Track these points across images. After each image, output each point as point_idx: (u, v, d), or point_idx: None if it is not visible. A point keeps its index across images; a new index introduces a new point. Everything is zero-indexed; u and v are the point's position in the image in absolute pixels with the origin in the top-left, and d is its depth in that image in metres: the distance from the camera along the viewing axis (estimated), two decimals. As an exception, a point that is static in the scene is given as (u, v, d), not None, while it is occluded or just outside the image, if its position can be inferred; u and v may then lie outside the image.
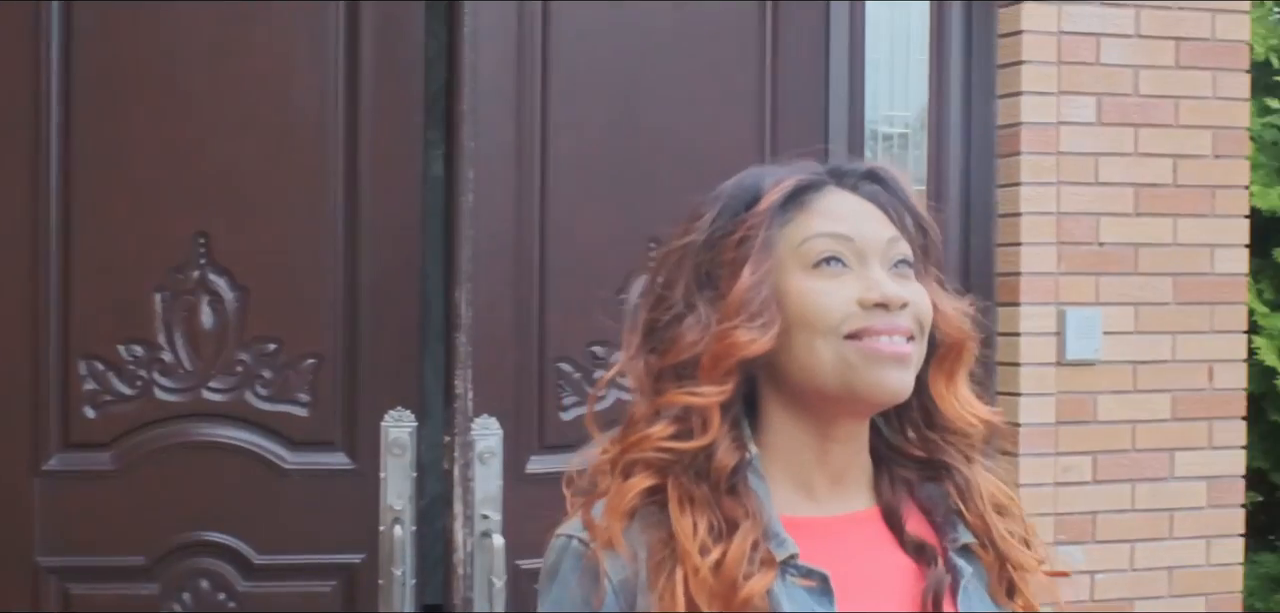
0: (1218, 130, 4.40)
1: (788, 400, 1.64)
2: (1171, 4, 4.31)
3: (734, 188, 1.69)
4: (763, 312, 1.59)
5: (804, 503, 1.64)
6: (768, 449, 1.64)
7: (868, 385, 1.59)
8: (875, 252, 1.63)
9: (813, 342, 1.60)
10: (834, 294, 1.61)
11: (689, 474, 1.58)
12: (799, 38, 4.11)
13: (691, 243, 1.66)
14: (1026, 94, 4.21)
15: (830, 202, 1.66)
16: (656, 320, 1.66)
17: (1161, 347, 4.36)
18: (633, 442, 1.61)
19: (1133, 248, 4.32)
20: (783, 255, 1.63)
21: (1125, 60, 4.28)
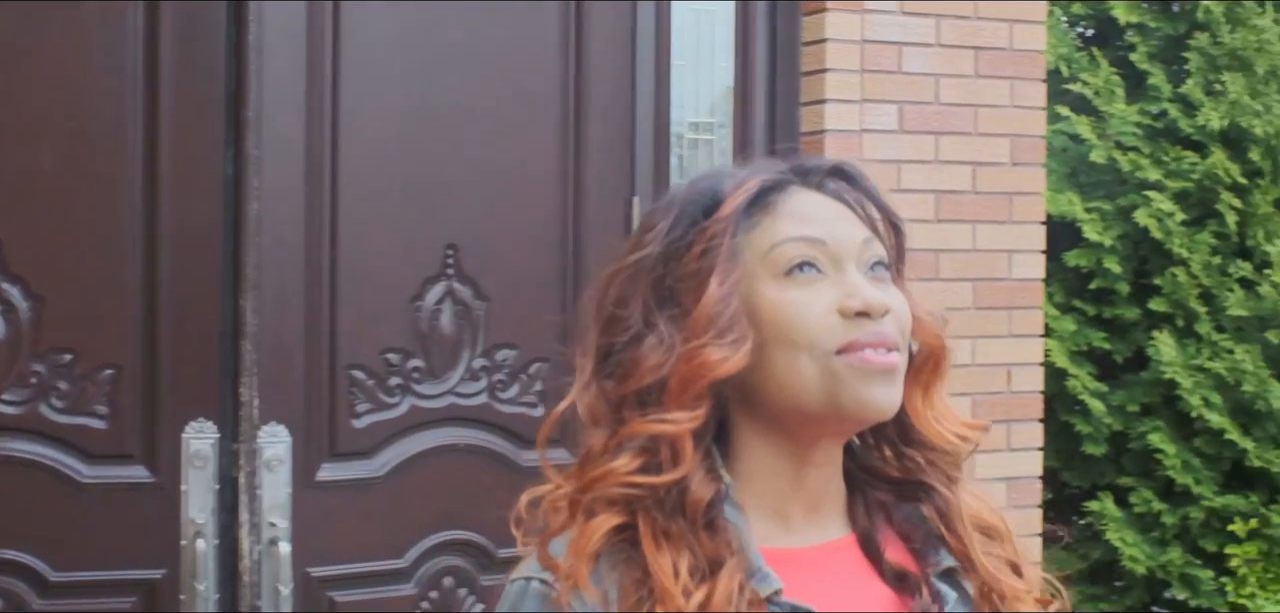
0: (1015, 138, 4.62)
1: (762, 423, 1.55)
2: (971, 15, 4.52)
3: (689, 194, 1.59)
4: (733, 327, 1.50)
5: (780, 534, 1.55)
6: (740, 477, 1.54)
7: (856, 403, 1.50)
8: (850, 255, 1.54)
9: (794, 358, 1.50)
10: (812, 305, 1.51)
11: (661, 509, 1.49)
12: (604, 40, 4.22)
13: (646, 257, 1.55)
14: (830, 101, 4.37)
15: (797, 202, 1.56)
16: (611, 344, 1.55)
17: (961, 351, 4.56)
18: (594, 478, 1.50)
19: (934, 254, 4.51)
20: (750, 264, 1.53)
21: (926, 69, 4.47)
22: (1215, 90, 6.23)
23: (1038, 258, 4.69)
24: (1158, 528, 6.15)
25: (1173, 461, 6.08)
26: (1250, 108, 6.16)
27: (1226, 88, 6.18)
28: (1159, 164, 6.27)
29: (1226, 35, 6.24)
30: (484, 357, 4.12)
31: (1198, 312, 6.17)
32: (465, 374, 4.10)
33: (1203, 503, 6.09)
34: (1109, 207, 6.32)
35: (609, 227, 4.24)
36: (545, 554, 1.52)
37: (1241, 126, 6.19)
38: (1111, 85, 6.32)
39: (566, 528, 1.53)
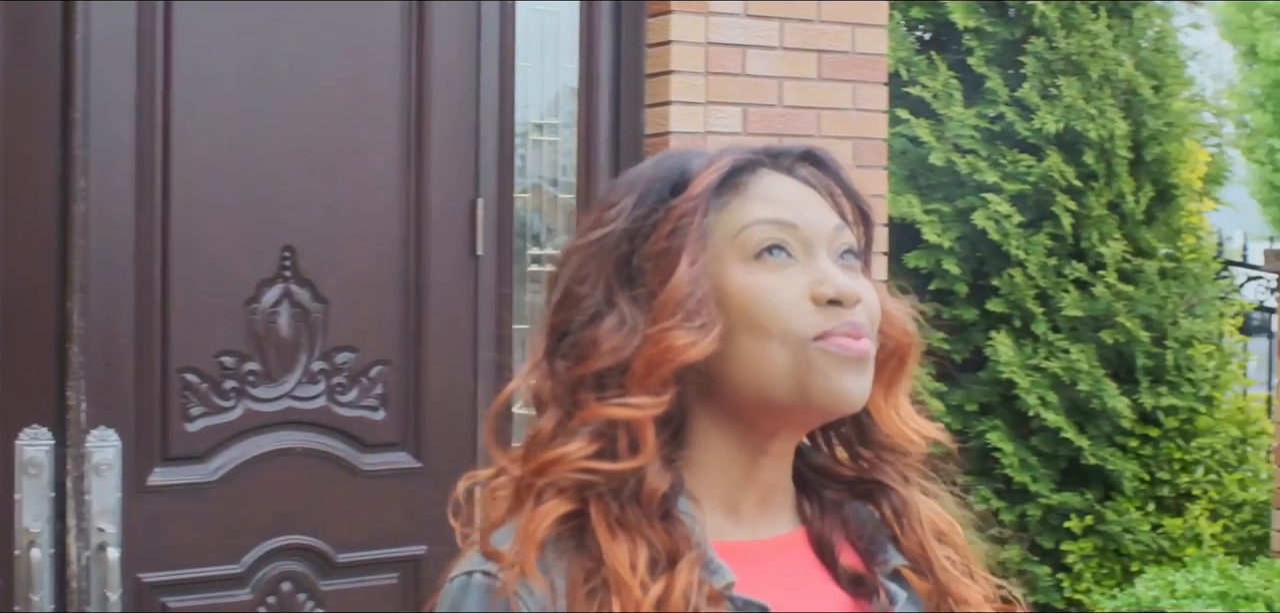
0: (858, 141, 4.68)
1: (720, 411, 1.50)
2: (814, 17, 4.58)
3: (654, 171, 1.53)
4: (701, 310, 1.45)
5: (730, 526, 1.51)
6: (691, 466, 1.49)
7: (827, 393, 1.46)
8: (821, 240, 1.50)
9: (764, 344, 1.46)
10: (783, 289, 1.47)
11: (615, 498, 1.43)
12: (448, 39, 4.20)
13: (609, 234, 1.50)
14: (675, 103, 4.40)
15: (768, 185, 1.52)
16: (567, 322, 1.49)
17: (805, 353, 4.60)
18: (545, 462, 1.45)
19: (778, 256, 4.55)
20: (718, 246, 1.48)
21: (770, 72, 4.51)
22: (1051, 94, 6.37)
23: (881, 260, 4.76)
24: (996, 526, 6.27)
25: (1010, 459, 6.21)
26: (1085, 112, 6.31)
27: (1062, 92, 6.32)
28: (996, 167, 6.39)
29: (1062, 40, 6.38)
30: (323, 359, 4.09)
31: (1034, 312, 6.30)
32: (303, 377, 4.06)
33: (1040, 501, 6.23)
34: (947, 209, 6.43)
35: (452, 228, 4.23)
36: (487, 545, 1.47)
37: (1076, 130, 6.33)
38: (950, 89, 6.43)
39: (510, 517, 1.47)
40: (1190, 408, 6.40)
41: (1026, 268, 6.30)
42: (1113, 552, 6.22)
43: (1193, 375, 6.44)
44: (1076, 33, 6.39)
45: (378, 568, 4.19)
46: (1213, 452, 6.40)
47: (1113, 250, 6.32)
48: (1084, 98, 6.34)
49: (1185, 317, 6.43)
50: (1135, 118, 6.50)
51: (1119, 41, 6.51)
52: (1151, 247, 6.49)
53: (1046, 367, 6.23)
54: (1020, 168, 6.34)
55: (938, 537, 1.58)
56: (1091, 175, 6.40)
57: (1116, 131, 6.34)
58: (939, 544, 1.58)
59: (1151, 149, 6.52)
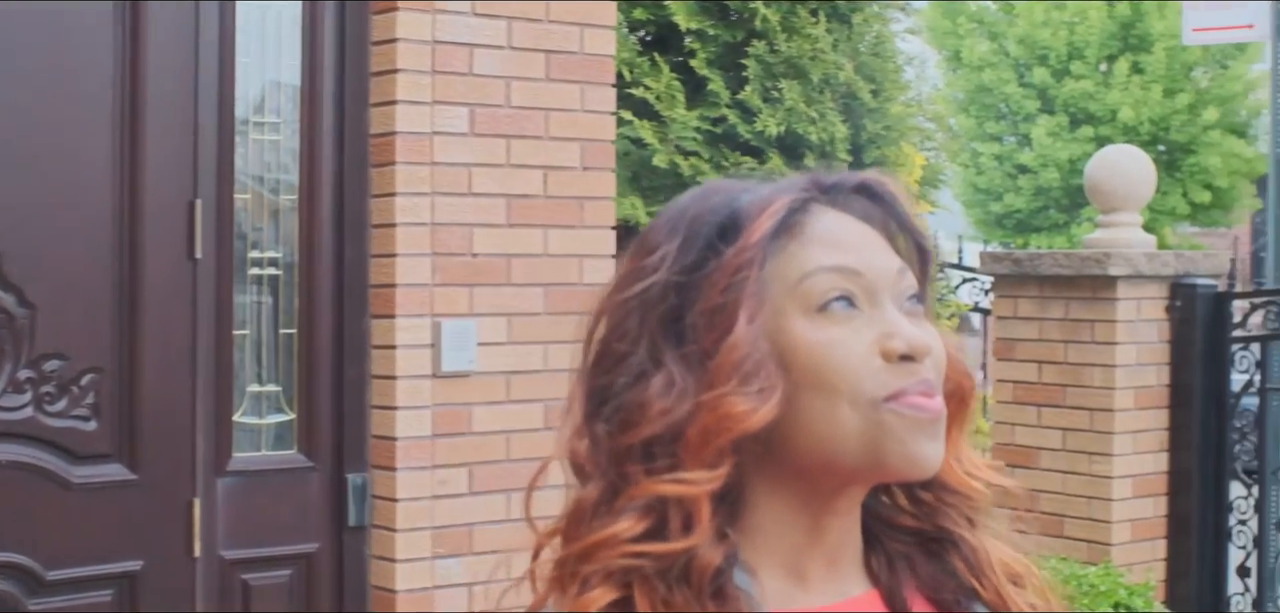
0: (586, 142, 4.73)
1: (778, 472, 1.38)
2: (542, 17, 4.61)
3: (698, 209, 1.40)
4: (759, 371, 1.33)
5: (796, 592, 1.39)
6: (749, 532, 1.38)
7: (903, 459, 1.36)
8: (886, 287, 1.38)
9: (832, 406, 1.34)
10: (851, 345, 1.36)
11: (663, 579, 1.32)
12: (164, 37, 4.13)
13: (653, 285, 1.37)
14: (401, 103, 4.39)
15: (825, 225, 1.40)
16: (609, 384, 1.37)
17: (534, 357, 4.64)
18: (591, 546, 1.33)
19: (505, 259, 4.58)
20: (778, 297, 1.36)
21: (497, 71, 4.53)
22: (772, 97, 6.52)
23: (608, 263, 4.82)
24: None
25: (733, 461, 6.35)
26: (806, 115, 6.48)
27: (783, 95, 6.48)
28: (719, 169, 6.51)
29: (783, 44, 6.54)
30: (30, 368, 3.98)
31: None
32: (8, 386, 3.96)
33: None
34: (671, 210, 6.54)
35: (169, 229, 4.15)
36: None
37: (797, 133, 6.50)
38: (673, 90, 6.54)
39: (550, 600, 1.37)
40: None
41: (749, 270, 6.45)
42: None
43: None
44: (797, 37, 6.56)
45: (91, 585, 4.09)
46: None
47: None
48: (805, 101, 6.51)
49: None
50: (855, 121, 6.70)
51: (839, 46, 6.70)
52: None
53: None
54: (742, 170, 6.48)
55: (1014, 581, 1.49)
56: (812, 178, 6.58)
57: (837, 135, 6.53)
58: (1017, 590, 1.49)
59: (870, 152, 6.73)
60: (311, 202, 4.43)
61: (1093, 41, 23.70)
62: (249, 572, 4.33)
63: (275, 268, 4.42)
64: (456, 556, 4.49)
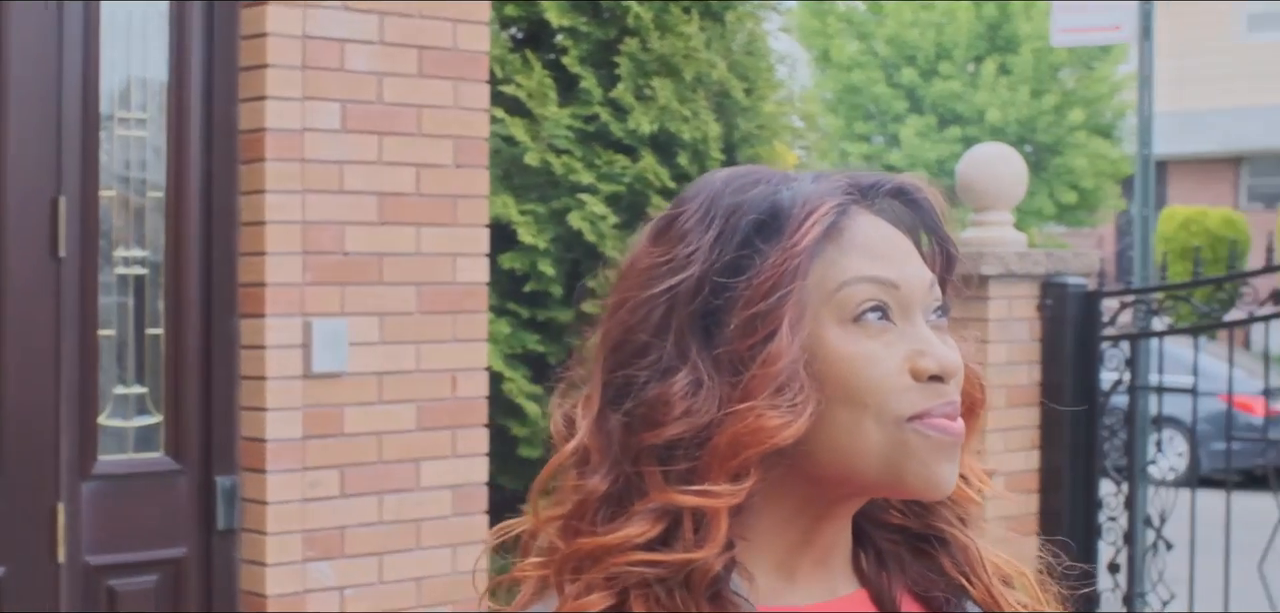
0: (459, 140, 4.74)
1: (786, 478, 1.35)
2: (415, 13, 4.60)
3: (734, 202, 1.35)
4: (793, 383, 1.29)
5: (785, 590, 1.37)
6: (744, 531, 1.34)
7: (923, 480, 1.34)
8: (918, 301, 1.36)
9: (858, 420, 1.32)
10: (884, 360, 1.33)
11: (662, 585, 1.29)
12: (26, 34, 4.08)
13: (686, 279, 1.32)
14: (270, 99, 4.36)
15: (864, 230, 1.36)
16: (630, 377, 1.32)
17: (406, 357, 4.64)
18: (600, 548, 1.29)
19: (377, 257, 4.57)
20: (814, 303, 1.32)
21: (370, 67, 4.52)
22: (645, 95, 6.55)
23: (482, 261, 4.83)
24: (593, 530, 6.42)
25: (607, 462, 6.36)
26: (679, 113, 6.52)
27: (656, 93, 6.51)
28: (591, 167, 6.53)
29: (656, 42, 6.57)
30: (-115, 370, 3.90)
31: (630, 314, 6.48)
32: None
33: (636, 503, 6.41)
34: (543, 209, 6.54)
35: (32, 227, 4.10)
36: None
37: (670, 131, 6.53)
38: (545, 88, 6.54)
39: (542, 593, 1.34)
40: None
41: (622, 269, 6.47)
42: (708, 551, 6.45)
43: (783, 375, 6.73)
44: (670, 35, 6.59)
45: (-50, 592, 4.02)
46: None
47: (706, 251, 6.55)
48: (678, 99, 6.54)
49: (776, 316, 6.72)
50: (727, 120, 6.75)
51: (712, 44, 6.75)
52: (617, 262, 6.76)
53: (642, 368, 6.41)
54: (615, 169, 6.50)
55: (1004, 582, 1.48)
56: (685, 176, 6.61)
57: (710, 133, 6.57)
58: (1008, 590, 1.47)
59: (743, 151, 6.78)
60: (179, 199, 4.38)
61: (961, 42, 24.07)
62: (115, 578, 4.28)
63: (141, 267, 4.38)
64: (328, 559, 4.47)
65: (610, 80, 6.61)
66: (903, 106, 24.31)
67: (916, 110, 24.37)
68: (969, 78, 24.37)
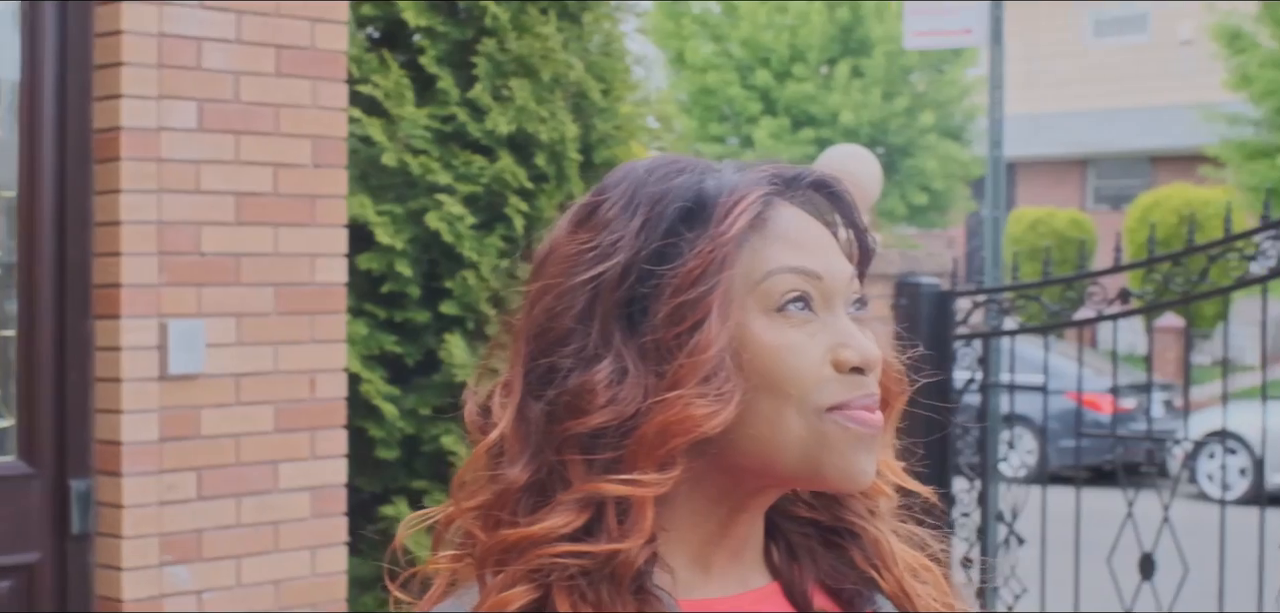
0: (317, 139, 4.74)
1: (705, 470, 1.35)
2: (272, 12, 4.60)
3: (658, 190, 1.35)
4: (718, 372, 1.30)
5: (699, 583, 1.37)
6: (665, 523, 1.34)
7: (841, 472, 1.35)
8: (840, 292, 1.38)
9: (781, 412, 1.33)
10: (808, 352, 1.34)
11: (585, 577, 1.29)
12: None
13: (610, 267, 1.33)
14: (126, 97, 4.34)
15: (787, 221, 1.38)
16: (553, 366, 1.32)
17: (264, 358, 4.64)
18: (522, 540, 1.29)
19: (234, 258, 4.56)
20: (739, 293, 1.33)
21: (227, 66, 4.52)
22: (503, 96, 6.58)
23: (341, 262, 4.84)
24: (452, 531, 6.43)
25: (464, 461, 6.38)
26: (536, 114, 6.55)
27: (513, 94, 6.54)
28: (449, 168, 6.54)
29: (513, 42, 6.60)
30: None
31: (488, 314, 6.50)
32: None
33: (495, 504, 6.44)
34: (400, 210, 6.54)
35: (-121, 228, 4.03)
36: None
37: (528, 132, 6.57)
38: (401, 88, 6.54)
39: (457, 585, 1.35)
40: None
41: (479, 270, 6.49)
42: (567, 552, 6.50)
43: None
44: (528, 35, 6.62)
45: None
46: (661, 449, 6.78)
47: (564, 252, 6.60)
48: (536, 100, 6.58)
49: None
50: (585, 121, 6.80)
51: (569, 46, 6.79)
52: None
53: (501, 369, 6.44)
54: (473, 169, 6.52)
55: (913, 576, 1.49)
56: (543, 177, 6.65)
57: (567, 134, 6.61)
58: (918, 583, 1.49)
59: (601, 152, 6.83)
60: (31, 199, 4.35)
61: (814, 45, 24.38)
62: (-34, 584, 4.24)
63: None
64: (185, 563, 4.46)
65: (468, 81, 6.63)
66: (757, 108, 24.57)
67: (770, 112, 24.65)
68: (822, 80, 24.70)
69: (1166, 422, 16.46)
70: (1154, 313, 6.07)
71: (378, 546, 6.57)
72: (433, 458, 6.52)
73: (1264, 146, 21.34)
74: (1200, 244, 5.83)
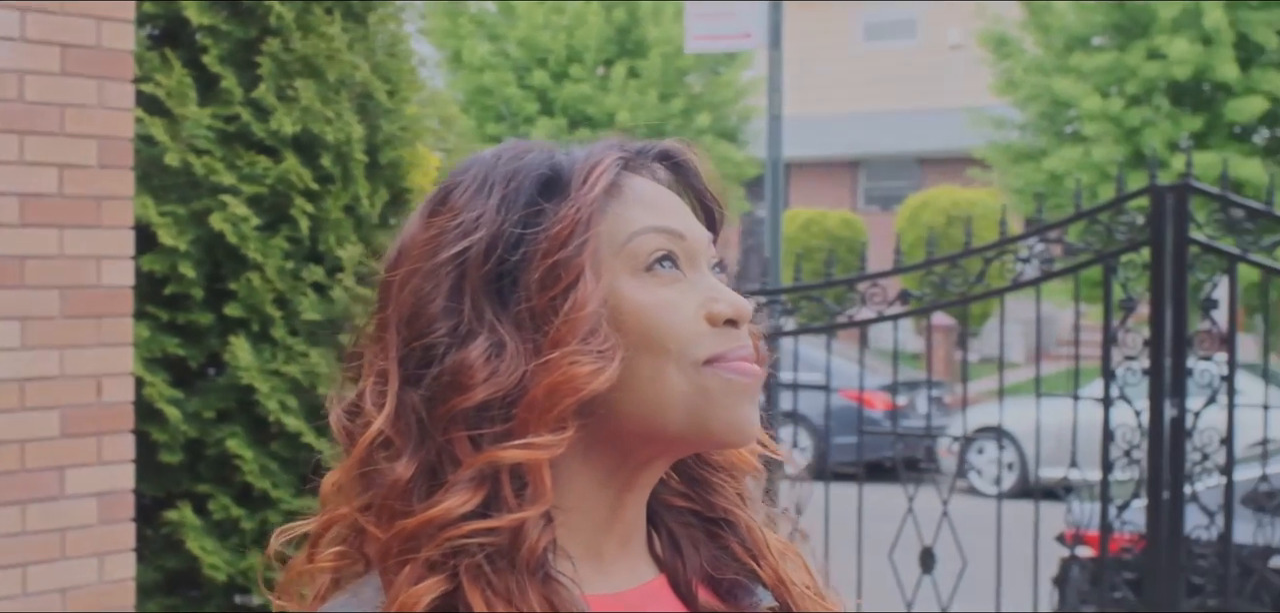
0: (103, 140, 4.70)
1: (590, 445, 1.36)
2: (57, 11, 4.55)
3: (511, 168, 1.39)
4: (598, 331, 1.32)
5: (595, 577, 1.38)
6: (558, 503, 1.34)
7: (728, 424, 1.37)
8: (702, 254, 1.41)
9: (662, 370, 1.34)
10: (682, 307, 1.36)
11: (490, 563, 1.29)
12: None
13: (474, 244, 1.34)
14: (-95, 96, 4.25)
15: (641, 188, 1.41)
16: (429, 350, 1.33)
17: (50, 362, 4.58)
18: (423, 525, 1.28)
19: (19, 260, 4.51)
20: (606, 255, 1.36)
21: (11, 64, 4.47)
22: (288, 96, 6.56)
23: (127, 264, 4.80)
24: (237, 534, 6.40)
25: (251, 465, 6.34)
26: (321, 114, 6.54)
27: (298, 94, 6.53)
28: (233, 168, 6.51)
29: (298, 42, 6.58)
30: None
31: (273, 316, 6.47)
32: None
33: (282, 506, 6.41)
34: (183, 211, 6.48)
35: None
36: None
37: (313, 132, 6.56)
38: (184, 87, 6.49)
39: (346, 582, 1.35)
40: (427, 408, 6.80)
41: (264, 271, 6.46)
42: (354, 554, 6.50)
43: (430, 377, 6.83)
44: (313, 35, 6.61)
45: None
46: (449, 450, 6.82)
47: (350, 253, 6.59)
48: (321, 100, 6.57)
49: (421, 319, 6.81)
50: (371, 121, 6.81)
51: (355, 46, 6.80)
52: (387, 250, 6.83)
53: (286, 371, 6.41)
54: (257, 170, 6.49)
55: (784, 560, 1.52)
56: (328, 178, 6.64)
57: (353, 135, 6.62)
58: (792, 571, 1.52)
59: (387, 153, 6.85)
60: None
61: (591, 46, 24.54)
62: None
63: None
64: (-31, 571, 4.39)
65: (252, 80, 6.60)
66: (534, 108, 24.66)
67: (547, 112, 24.75)
68: (599, 81, 24.88)
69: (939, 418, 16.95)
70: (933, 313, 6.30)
71: (161, 550, 6.52)
72: (217, 462, 6.48)
73: (1029, 150, 22.04)
74: (977, 247, 6.07)
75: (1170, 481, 5.92)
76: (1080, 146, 20.91)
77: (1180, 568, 6.02)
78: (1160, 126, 20.22)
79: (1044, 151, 21.56)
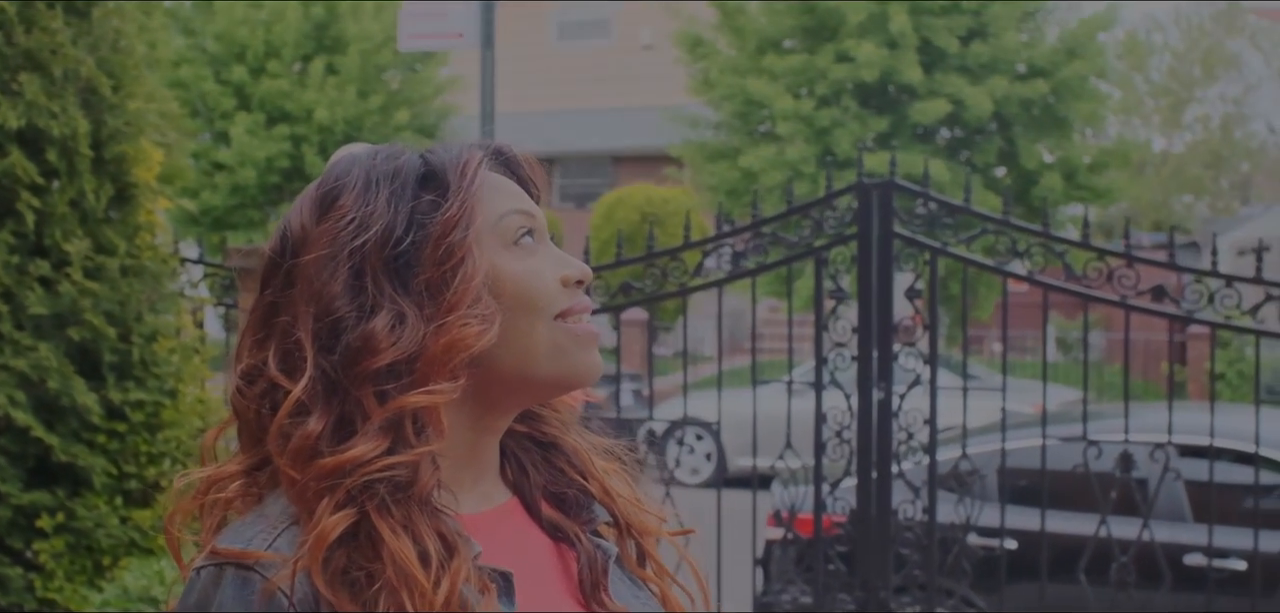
0: None
1: (465, 395, 1.62)
2: None
3: (390, 165, 1.66)
4: (481, 299, 1.60)
5: (453, 505, 1.62)
6: None
7: (584, 369, 1.67)
8: (544, 227, 1.71)
9: (532, 325, 1.63)
10: (545, 273, 1.66)
11: (392, 496, 1.55)
12: None
13: (373, 234, 1.60)
14: None
15: (496, 179, 1.71)
16: (340, 322, 1.58)
17: None
18: (339, 466, 1.53)
19: None
20: (483, 234, 1.64)
21: None
22: (12, 90, 6.54)
23: None
24: (-33, 533, 6.37)
25: (-23, 461, 6.32)
26: (47, 109, 6.53)
27: (22, 88, 6.51)
28: (-46, 162, 6.46)
29: (21, 36, 6.56)
30: None
31: (0, 311, 6.45)
32: None
33: (10, 501, 6.39)
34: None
35: None
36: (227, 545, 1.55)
37: (38, 127, 6.55)
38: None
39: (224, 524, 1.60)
40: (156, 402, 6.83)
41: (-10, 267, 6.44)
42: (84, 548, 6.51)
43: (158, 370, 6.86)
44: (36, 29, 6.60)
45: None
46: (178, 443, 6.86)
47: (77, 248, 6.59)
48: (46, 95, 6.56)
49: (149, 313, 6.84)
50: (96, 116, 6.82)
51: (79, 40, 6.80)
52: (113, 244, 6.82)
53: (14, 365, 6.39)
54: (-19, 164, 6.46)
55: (609, 476, 1.81)
56: (54, 172, 6.63)
57: (79, 129, 6.62)
58: (617, 484, 1.81)
59: (112, 147, 6.86)
60: None
61: (289, 41, 24.36)
62: None
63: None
64: None
65: (-32, 78, 6.56)
66: (231, 104, 24.40)
67: (245, 107, 24.52)
68: (297, 77, 24.72)
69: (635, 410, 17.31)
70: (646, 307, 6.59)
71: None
72: (-57, 458, 6.43)
73: (723, 148, 22.64)
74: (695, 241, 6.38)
75: (878, 460, 6.33)
76: (774, 145, 21.58)
77: (889, 541, 6.44)
78: (849, 127, 21.01)
79: (739, 150, 22.16)
